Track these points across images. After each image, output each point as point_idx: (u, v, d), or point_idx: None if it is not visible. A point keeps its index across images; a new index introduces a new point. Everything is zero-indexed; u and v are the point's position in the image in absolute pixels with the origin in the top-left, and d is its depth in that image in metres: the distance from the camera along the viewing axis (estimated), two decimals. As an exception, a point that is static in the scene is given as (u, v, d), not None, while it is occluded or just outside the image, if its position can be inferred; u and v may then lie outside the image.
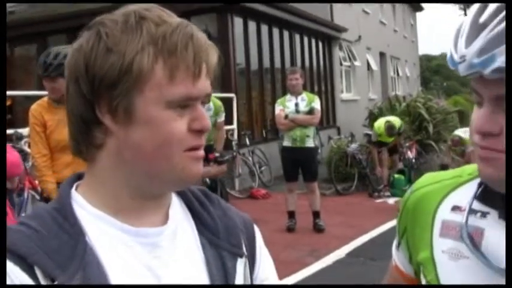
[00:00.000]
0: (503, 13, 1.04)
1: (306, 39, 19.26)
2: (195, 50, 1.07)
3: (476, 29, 1.07)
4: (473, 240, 1.20)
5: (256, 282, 1.26)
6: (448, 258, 1.26)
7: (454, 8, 45.31)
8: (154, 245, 1.12)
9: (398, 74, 34.00)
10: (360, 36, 24.57)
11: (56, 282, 1.00)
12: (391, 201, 13.07)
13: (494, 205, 1.21)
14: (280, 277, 1.34)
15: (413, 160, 15.10)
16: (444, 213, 1.30)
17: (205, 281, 1.15)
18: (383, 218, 10.76)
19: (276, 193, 12.42)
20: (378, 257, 8.00)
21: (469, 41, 1.08)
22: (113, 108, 1.06)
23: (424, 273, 1.31)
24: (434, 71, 78.60)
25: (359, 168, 14.00)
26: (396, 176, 13.92)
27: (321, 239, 8.77)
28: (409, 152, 14.84)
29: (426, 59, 72.96)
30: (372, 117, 18.72)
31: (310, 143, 9.06)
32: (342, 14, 22.17)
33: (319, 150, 13.27)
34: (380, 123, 13.62)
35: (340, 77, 23.04)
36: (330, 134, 18.36)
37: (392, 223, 10.38)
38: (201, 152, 1.11)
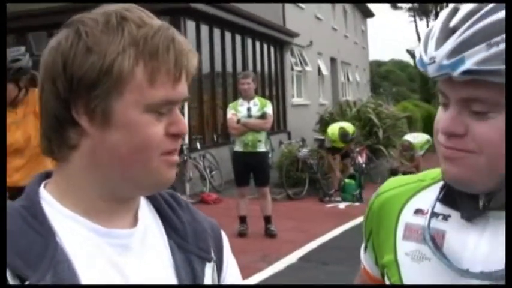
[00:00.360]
0: (474, 18, 1.08)
1: (258, 44, 19.30)
2: (177, 53, 1.06)
3: (447, 32, 1.11)
4: (435, 242, 1.23)
5: None
6: (411, 260, 1.29)
7: (404, 15, 46.04)
8: (125, 246, 1.11)
9: (348, 80, 34.40)
10: (311, 42, 24.73)
11: (27, 282, 0.97)
12: (342, 205, 13.20)
13: (456, 207, 1.24)
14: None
15: (364, 165, 15.26)
16: (407, 216, 1.33)
17: (173, 283, 1.15)
18: (334, 222, 10.86)
19: (227, 198, 12.39)
20: (329, 262, 8.06)
21: (439, 44, 1.11)
22: (91, 109, 1.04)
23: (388, 275, 1.34)
24: (383, 76, 79.75)
25: (310, 173, 14.09)
26: (347, 180, 14.07)
27: (273, 244, 8.77)
28: (359, 157, 14.98)
29: (376, 65, 73.99)
30: (323, 122, 18.86)
31: (262, 148, 9.07)
32: (294, 19, 22.26)
33: (270, 155, 13.31)
34: (334, 129, 13.79)
35: (291, 81, 23.14)
36: (280, 138, 18.42)
37: (343, 228, 10.48)
38: (176, 157, 1.11)
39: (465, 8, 1.11)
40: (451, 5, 1.16)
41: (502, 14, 1.06)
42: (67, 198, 1.09)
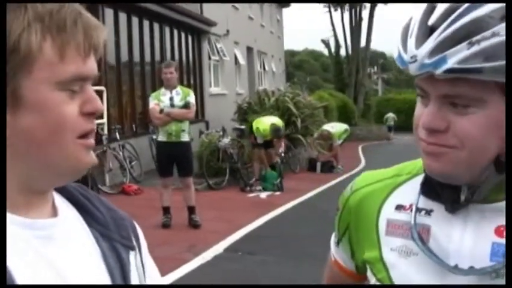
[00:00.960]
0: (453, 16, 1.09)
1: (176, 32, 19.15)
2: (85, 26, 1.02)
3: (426, 30, 1.12)
4: (422, 238, 1.25)
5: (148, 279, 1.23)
6: (398, 256, 1.30)
7: (319, 5, 46.74)
8: (49, 237, 1.05)
9: (264, 69, 34.62)
10: (228, 31, 24.72)
11: None
12: (263, 195, 13.32)
13: (438, 200, 1.25)
14: (160, 274, 1.32)
15: (283, 154, 15.41)
16: (388, 212, 1.34)
17: (104, 272, 1.11)
18: (257, 212, 10.93)
19: (147, 188, 12.25)
20: (255, 252, 8.10)
21: (420, 42, 1.12)
22: None
23: (372, 271, 1.35)
24: (297, 66, 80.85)
25: (230, 162, 14.13)
26: (268, 170, 14.19)
27: (198, 235, 8.74)
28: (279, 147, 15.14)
29: (290, 54, 74.83)
30: (241, 112, 18.92)
31: (185, 138, 9.01)
32: (211, 8, 22.18)
33: (191, 145, 13.29)
34: (265, 125, 14.02)
35: (209, 71, 23.08)
36: (199, 128, 18.34)
37: (267, 217, 10.56)
38: (92, 140, 1.06)
39: (442, 6, 1.12)
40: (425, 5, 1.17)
41: (479, 12, 1.07)
42: None
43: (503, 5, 1.07)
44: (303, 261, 7.56)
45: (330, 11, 43.76)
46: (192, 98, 9.02)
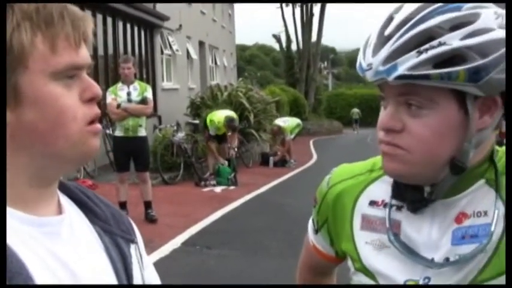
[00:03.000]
0: (406, 27, 1.19)
1: (128, 26, 18.99)
2: (72, 17, 1.06)
3: (382, 39, 1.22)
4: (394, 232, 1.35)
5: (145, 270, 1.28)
6: (372, 249, 1.39)
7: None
8: (56, 234, 1.10)
9: (216, 64, 34.54)
10: (180, 25, 24.60)
11: None
12: (218, 189, 13.36)
13: (404, 198, 1.35)
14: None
15: (236, 149, 15.48)
16: (362, 208, 1.44)
17: (109, 267, 1.16)
18: (213, 206, 10.98)
19: (102, 184, 12.14)
20: (213, 246, 8.16)
21: (376, 51, 1.22)
22: None
23: (352, 261, 1.45)
24: (248, 60, 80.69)
25: (185, 157, 14.13)
26: (221, 165, 14.24)
27: (155, 229, 8.74)
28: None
29: (241, 49, 74.72)
30: (194, 107, 18.90)
31: (142, 133, 9.01)
32: (163, 3, 22.04)
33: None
34: (219, 118, 14.02)
35: (161, 65, 22.95)
36: (152, 123, 18.25)
37: (222, 211, 10.62)
38: (99, 125, 1.11)
39: (399, 16, 1.22)
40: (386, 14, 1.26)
41: (430, 23, 1.17)
42: None
43: (453, 15, 1.17)
44: (260, 254, 7.71)
45: (281, 7, 43.87)
46: (149, 94, 9.03)
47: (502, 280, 1.23)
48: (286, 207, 11.10)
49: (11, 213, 1.05)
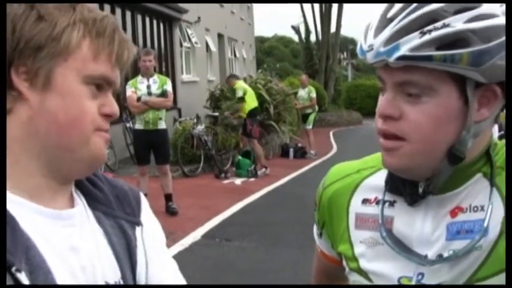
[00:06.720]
0: (409, 9, 1.18)
1: (147, 20, 19.04)
2: (120, 39, 1.14)
3: (384, 22, 1.22)
4: (387, 228, 1.34)
5: (149, 250, 1.28)
6: (366, 247, 1.39)
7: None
8: (71, 226, 1.14)
9: (235, 56, 34.53)
10: (199, 18, 24.62)
11: (14, 268, 0.97)
12: (238, 181, 13.38)
13: (400, 193, 1.34)
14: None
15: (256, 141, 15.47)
16: (356, 207, 1.44)
17: (109, 251, 1.18)
18: (233, 198, 11.00)
19: (123, 177, 12.21)
20: (232, 238, 8.19)
21: (377, 32, 1.21)
22: (33, 71, 1.07)
23: (346, 262, 1.45)
24: (266, 52, 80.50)
25: (205, 150, 14.15)
26: (240, 157, 14.27)
27: (176, 222, 8.79)
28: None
29: (259, 41, 74.59)
30: (214, 99, 18.92)
31: (162, 125, 9.05)
32: (182, -5, 22.08)
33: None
34: (252, 102, 14.37)
35: (180, 58, 23.00)
36: (172, 116, 18.30)
37: (242, 203, 10.65)
38: (109, 136, 1.17)
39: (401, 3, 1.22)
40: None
41: (434, 6, 1.16)
42: (9, 178, 1.07)
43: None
44: (279, 246, 7.71)
45: (300, -2, 43.62)
46: (169, 87, 9.06)
47: (499, 278, 1.22)
48: (306, 199, 11.00)
49: (28, 206, 1.08)
